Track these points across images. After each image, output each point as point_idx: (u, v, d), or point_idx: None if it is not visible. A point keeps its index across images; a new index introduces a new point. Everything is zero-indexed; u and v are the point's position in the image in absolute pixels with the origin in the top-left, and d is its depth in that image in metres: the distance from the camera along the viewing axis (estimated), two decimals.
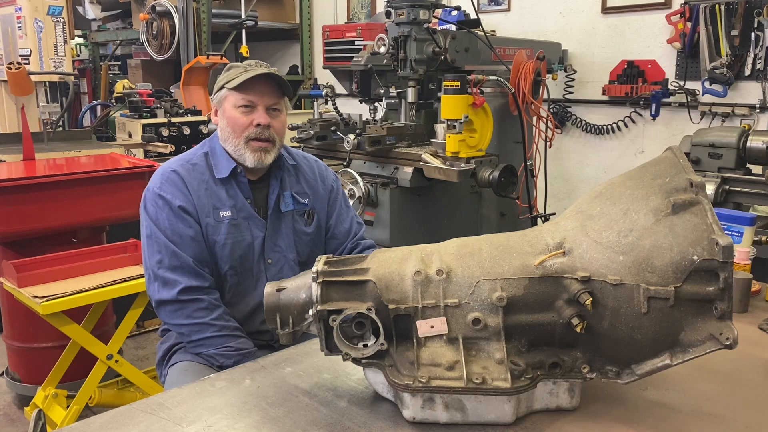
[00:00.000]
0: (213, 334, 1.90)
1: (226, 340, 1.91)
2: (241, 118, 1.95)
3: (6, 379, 3.27)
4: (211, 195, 1.98)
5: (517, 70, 3.95)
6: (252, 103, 1.95)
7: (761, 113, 4.29)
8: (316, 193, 2.14)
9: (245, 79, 1.92)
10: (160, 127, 4.66)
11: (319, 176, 2.18)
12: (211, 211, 1.97)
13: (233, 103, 1.96)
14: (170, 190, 1.95)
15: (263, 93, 1.95)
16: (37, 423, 2.36)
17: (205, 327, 1.91)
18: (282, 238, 2.06)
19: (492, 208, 3.98)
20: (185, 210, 1.94)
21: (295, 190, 2.09)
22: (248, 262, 2.02)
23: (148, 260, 1.97)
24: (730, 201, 3.20)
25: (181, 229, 1.93)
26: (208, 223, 1.96)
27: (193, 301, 1.91)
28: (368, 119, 4.03)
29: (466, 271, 1.27)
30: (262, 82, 1.95)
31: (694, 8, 4.41)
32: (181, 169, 1.99)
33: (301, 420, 1.29)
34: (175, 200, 1.94)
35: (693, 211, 1.20)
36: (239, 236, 1.99)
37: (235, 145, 1.97)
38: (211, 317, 1.91)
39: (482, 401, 1.23)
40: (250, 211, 2.01)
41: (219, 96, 2.00)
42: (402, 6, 3.46)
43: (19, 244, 2.99)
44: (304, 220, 2.11)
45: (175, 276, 1.91)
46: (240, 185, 2.01)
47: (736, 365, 1.54)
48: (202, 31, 6.12)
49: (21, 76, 4.62)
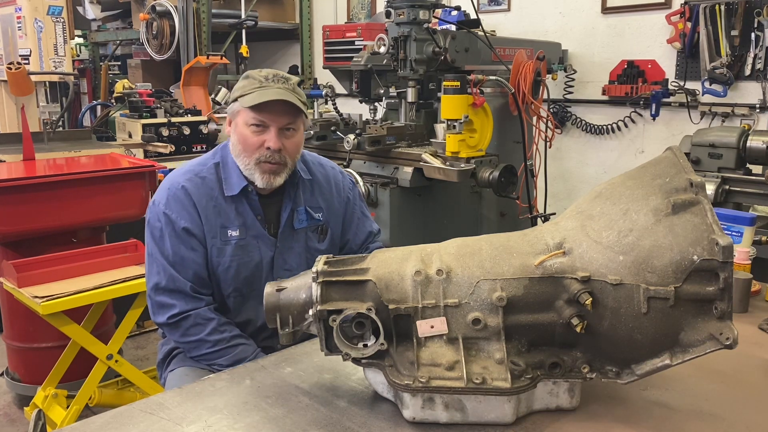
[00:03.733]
0: (209, 350, 1.88)
1: (223, 354, 1.87)
2: (252, 137, 1.85)
3: (6, 379, 3.27)
4: (220, 213, 1.91)
5: (517, 70, 3.95)
6: (264, 123, 1.84)
7: (761, 113, 4.29)
8: (331, 206, 2.06)
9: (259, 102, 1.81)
10: (160, 127, 4.66)
11: (335, 187, 2.09)
12: (218, 231, 1.90)
13: (245, 121, 1.85)
14: (176, 208, 1.88)
15: (278, 113, 1.83)
16: (37, 423, 2.36)
17: (201, 343, 1.88)
18: (293, 256, 1.99)
19: (492, 208, 3.98)
20: (190, 232, 1.88)
21: (309, 204, 2.01)
22: (255, 283, 1.94)
23: (147, 279, 1.95)
24: (730, 201, 3.20)
25: (183, 251, 1.88)
26: (213, 244, 1.90)
27: (185, 318, 1.88)
28: (368, 119, 4.03)
29: (466, 271, 1.27)
30: (278, 102, 1.82)
31: (694, 8, 4.41)
32: (189, 183, 1.91)
33: (301, 420, 1.29)
34: (180, 220, 1.87)
35: (693, 211, 1.20)
36: (246, 257, 1.92)
37: (246, 165, 1.88)
38: (204, 333, 1.87)
39: (482, 401, 1.23)
40: (259, 230, 1.94)
41: (232, 108, 1.90)
42: (402, 6, 3.46)
43: (19, 244, 2.99)
44: (317, 236, 2.04)
45: (172, 300, 1.88)
46: (250, 202, 1.93)
47: (736, 365, 1.54)
48: (202, 31, 6.12)
49: (21, 76, 4.62)
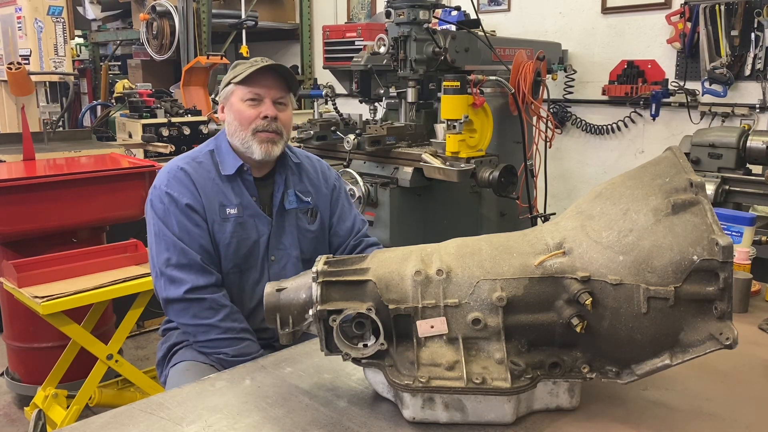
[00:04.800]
0: (218, 336, 1.91)
1: (231, 343, 1.91)
2: (248, 110, 1.97)
3: (6, 379, 3.27)
4: (218, 192, 1.99)
5: (517, 70, 3.95)
6: (259, 96, 1.97)
7: (761, 113, 4.29)
8: (319, 191, 2.16)
9: (252, 73, 1.94)
10: (160, 127, 4.67)
11: (322, 175, 2.19)
12: (217, 208, 1.98)
13: (240, 97, 1.98)
14: (177, 188, 1.96)
15: (270, 86, 1.98)
16: (37, 423, 2.36)
17: (211, 329, 1.91)
18: (286, 235, 2.07)
19: (492, 208, 3.98)
20: (192, 208, 1.95)
21: (298, 189, 2.10)
22: (252, 260, 2.02)
23: (155, 258, 1.97)
24: (730, 201, 3.20)
25: (188, 227, 1.94)
26: (214, 220, 1.97)
27: (199, 300, 1.91)
28: (368, 119, 4.03)
29: (466, 271, 1.27)
30: (269, 76, 1.98)
31: (694, 8, 4.41)
32: (187, 166, 2.00)
33: (301, 420, 1.29)
34: (182, 198, 1.95)
35: (693, 211, 1.20)
36: (244, 234, 2.00)
37: (243, 138, 1.98)
38: (217, 318, 1.91)
39: (482, 401, 1.23)
40: (255, 209, 2.02)
41: (226, 91, 2.02)
42: (402, 6, 3.46)
43: (19, 244, 2.99)
44: (308, 218, 2.13)
45: (183, 274, 1.91)
46: (246, 183, 2.02)
47: (736, 365, 1.54)
48: (202, 31, 6.12)
49: (21, 76, 4.62)
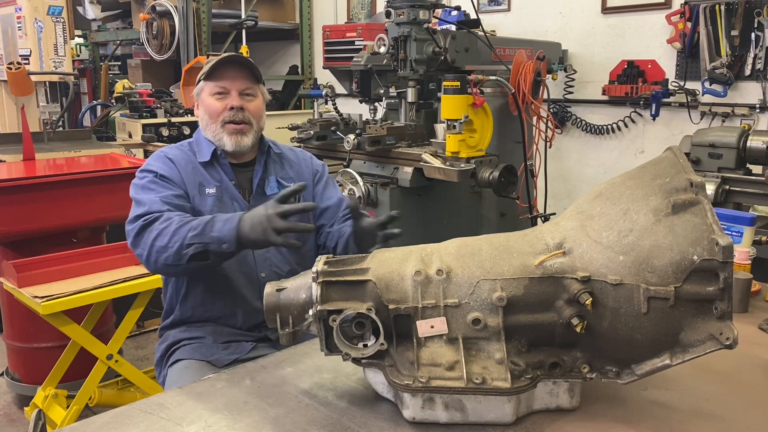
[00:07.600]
0: (178, 225, 1.78)
1: (191, 223, 1.78)
2: (215, 104, 2.04)
3: (6, 379, 3.27)
4: (198, 174, 2.04)
5: (517, 70, 3.95)
6: (225, 89, 2.04)
7: (761, 113, 4.29)
8: (301, 177, 2.18)
9: (218, 68, 2.03)
10: (160, 127, 4.67)
11: (304, 162, 2.24)
12: (197, 188, 2.02)
13: (208, 92, 2.06)
14: (158, 165, 2.01)
15: (235, 78, 2.04)
16: (37, 423, 2.36)
17: (168, 226, 1.79)
18: None
19: (492, 208, 3.98)
20: (170, 179, 1.99)
21: (279, 176, 2.14)
22: None
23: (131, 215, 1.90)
24: (730, 201, 3.20)
25: (165, 192, 1.93)
26: (194, 195, 2.01)
27: (156, 220, 1.82)
28: (368, 119, 4.02)
29: (466, 271, 1.27)
30: (234, 70, 2.05)
31: (694, 8, 4.41)
32: (169, 151, 2.08)
33: (301, 420, 1.29)
34: (161, 171, 1.99)
35: (693, 211, 1.20)
36: (224, 210, 1.98)
37: (214, 131, 2.05)
38: (173, 221, 1.80)
39: (482, 401, 1.23)
40: (234, 192, 2.06)
41: (197, 89, 2.10)
42: (402, 6, 3.45)
43: (19, 244, 2.99)
44: (289, 203, 2.09)
45: (142, 209, 1.86)
46: (223, 167, 2.07)
47: (736, 365, 1.54)
48: (202, 31, 6.11)
49: (21, 76, 4.62)
